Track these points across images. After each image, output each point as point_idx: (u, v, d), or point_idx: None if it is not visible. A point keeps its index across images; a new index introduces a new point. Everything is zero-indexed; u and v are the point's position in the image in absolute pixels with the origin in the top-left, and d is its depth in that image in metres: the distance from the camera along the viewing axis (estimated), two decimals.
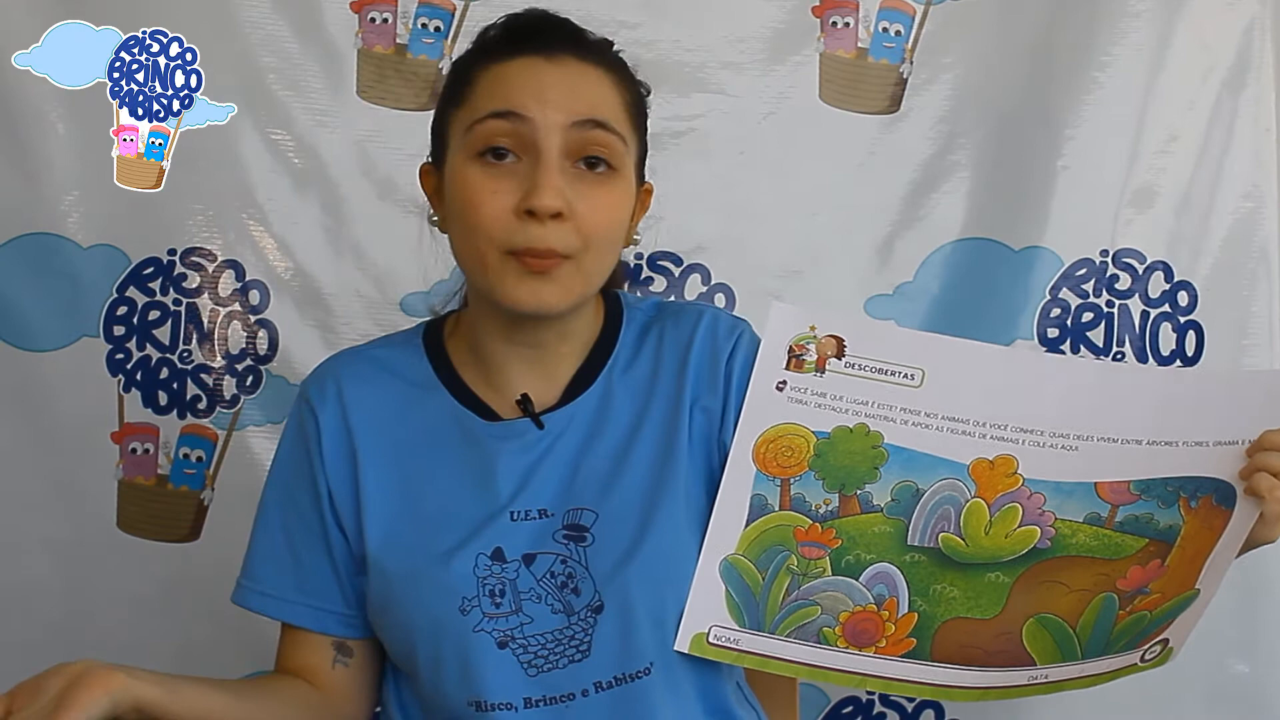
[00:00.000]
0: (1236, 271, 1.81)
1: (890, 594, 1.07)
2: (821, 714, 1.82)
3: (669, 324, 1.16)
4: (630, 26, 1.73)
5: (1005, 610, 1.07)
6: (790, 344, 1.04)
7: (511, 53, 1.07)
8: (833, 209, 1.79)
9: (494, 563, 1.07)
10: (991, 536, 1.05)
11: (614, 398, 1.13)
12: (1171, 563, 1.05)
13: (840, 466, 1.05)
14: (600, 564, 1.06)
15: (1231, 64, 1.78)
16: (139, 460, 1.74)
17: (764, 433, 1.06)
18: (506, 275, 1.04)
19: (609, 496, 1.09)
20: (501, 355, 1.12)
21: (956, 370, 1.04)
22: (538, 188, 1.02)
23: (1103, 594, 1.06)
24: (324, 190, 1.75)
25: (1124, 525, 1.05)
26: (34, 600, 1.75)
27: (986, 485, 1.05)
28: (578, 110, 1.04)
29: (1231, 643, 1.82)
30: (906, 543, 1.06)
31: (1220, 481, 1.03)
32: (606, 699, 1.06)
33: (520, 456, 1.10)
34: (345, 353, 1.19)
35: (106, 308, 1.73)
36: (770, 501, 1.06)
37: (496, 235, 1.03)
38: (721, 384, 1.12)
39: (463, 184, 1.05)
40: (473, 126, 1.04)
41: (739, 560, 1.07)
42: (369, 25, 1.74)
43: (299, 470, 1.14)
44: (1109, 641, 1.07)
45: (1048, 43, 1.77)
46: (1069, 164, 1.77)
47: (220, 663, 1.76)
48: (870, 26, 1.79)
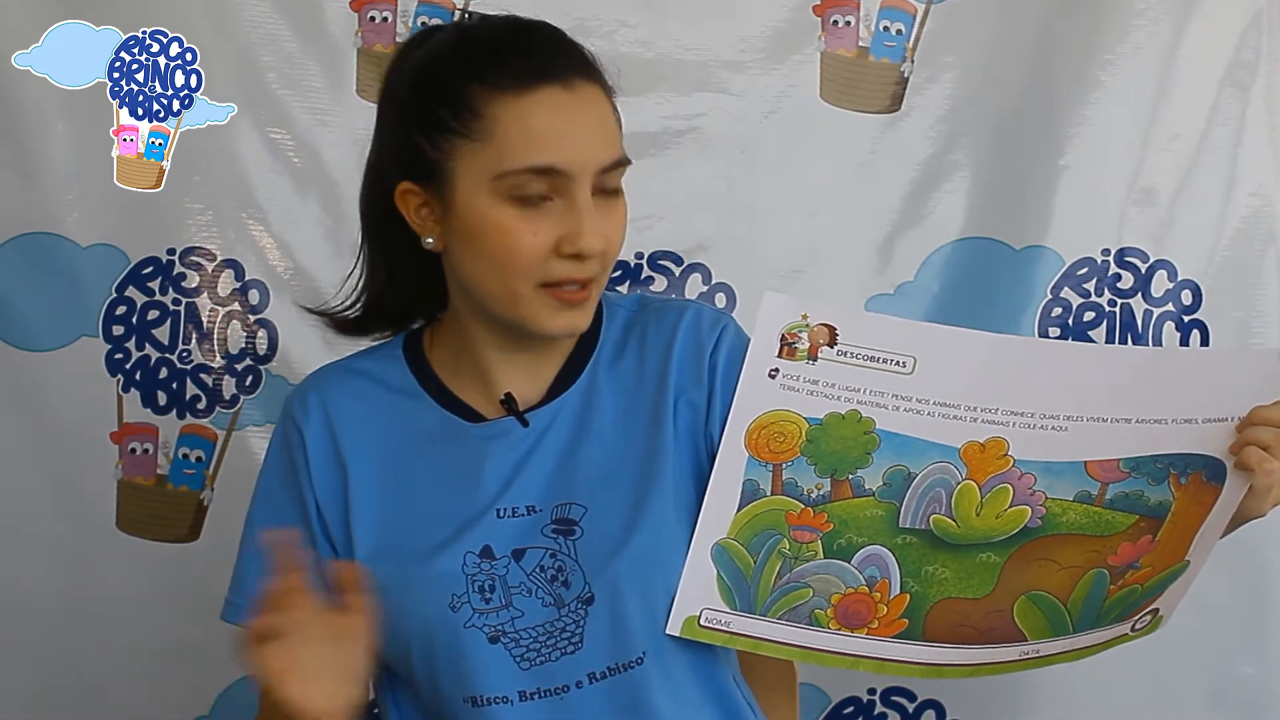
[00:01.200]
0: (1242, 270, 1.81)
1: (882, 576, 1.07)
2: (822, 714, 1.82)
3: (652, 320, 1.16)
4: (630, 26, 1.73)
5: (996, 589, 1.07)
6: (783, 332, 1.04)
7: (526, 83, 1.04)
8: (834, 208, 1.79)
9: (483, 560, 1.07)
10: (983, 517, 1.06)
11: (599, 393, 1.13)
12: (1162, 537, 1.06)
13: (832, 452, 1.06)
14: (590, 556, 1.07)
15: (1236, 61, 1.78)
16: (138, 460, 1.74)
17: (756, 419, 1.06)
18: (541, 308, 1.06)
19: (597, 490, 1.09)
20: (491, 361, 1.13)
21: (948, 357, 1.05)
22: (583, 233, 1.03)
23: (1094, 570, 1.07)
24: (324, 190, 1.74)
25: (1114, 503, 1.06)
26: (34, 600, 1.74)
27: (977, 467, 1.05)
28: (607, 155, 1.06)
29: (1237, 645, 1.82)
30: (898, 525, 1.06)
31: (1210, 458, 1.04)
32: (602, 689, 1.06)
33: (506, 455, 1.10)
34: (327, 367, 1.19)
35: (106, 307, 1.73)
36: (762, 486, 1.07)
37: (534, 272, 1.05)
38: (706, 376, 1.12)
39: (497, 226, 1.04)
40: (506, 175, 1.04)
41: (730, 544, 1.07)
42: (369, 24, 1.74)
43: (285, 484, 1.14)
44: (1100, 615, 1.09)
45: (1050, 41, 1.77)
46: (1071, 163, 1.76)
47: (219, 663, 1.76)
48: (871, 25, 1.78)
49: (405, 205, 1.09)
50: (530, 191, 1.04)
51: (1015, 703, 1.81)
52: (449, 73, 1.06)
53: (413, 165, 1.08)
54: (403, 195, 1.09)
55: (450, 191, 1.06)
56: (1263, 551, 1.79)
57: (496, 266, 1.05)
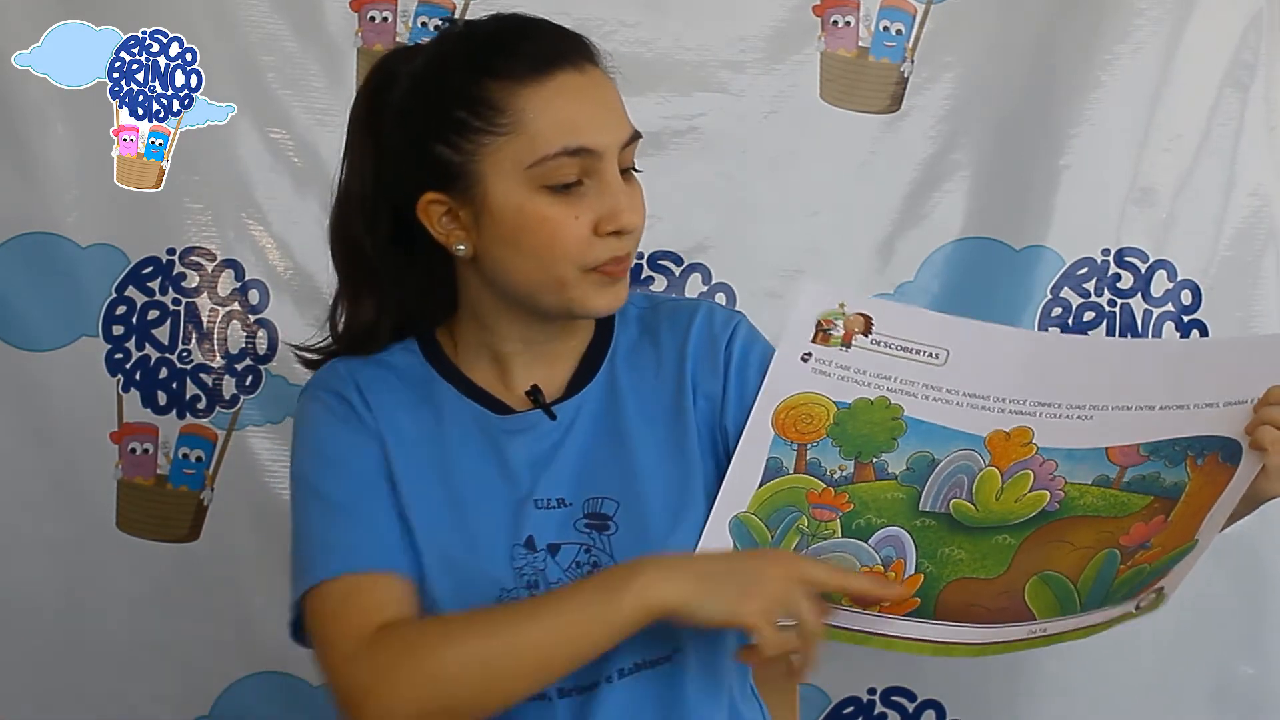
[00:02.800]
0: (1241, 270, 1.81)
1: (898, 556, 1.08)
2: (822, 714, 1.82)
3: (666, 318, 1.17)
4: (630, 25, 1.72)
5: (1010, 570, 1.08)
6: (818, 318, 1.05)
7: (543, 70, 1.05)
8: (833, 208, 1.79)
9: (527, 551, 1.07)
10: (1002, 502, 1.07)
11: (619, 387, 1.13)
12: (1174, 517, 1.07)
13: (858, 435, 1.07)
14: (626, 552, 1.07)
15: (1236, 61, 1.78)
16: (138, 460, 1.74)
17: (785, 400, 1.07)
18: (588, 289, 1.07)
19: (628, 484, 1.09)
20: (513, 354, 1.13)
21: (981, 351, 1.06)
22: (622, 209, 1.05)
23: (1105, 550, 1.07)
24: (323, 189, 1.72)
25: (1130, 485, 1.06)
26: (34, 600, 1.74)
27: (1001, 454, 1.06)
28: (625, 129, 1.08)
29: (1236, 644, 1.82)
30: (918, 508, 1.07)
31: (1227, 439, 1.05)
32: (632, 684, 1.07)
33: (533, 447, 1.11)
34: (343, 358, 1.16)
35: (105, 307, 1.73)
36: (785, 464, 1.07)
37: (579, 256, 1.06)
38: (721, 367, 1.13)
39: (538, 217, 1.05)
40: (541, 163, 1.04)
41: (749, 518, 1.08)
42: (369, 24, 1.74)
43: (353, 441, 1.09)
44: (1108, 594, 1.09)
45: (1050, 41, 1.77)
46: (1071, 163, 1.76)
47: (219, 663, 1.77)
48: (871, 25, 1.78)
49: (429, 217, 1.08)
50: (564, 178, 1.04)
51: (1015, 702, 1.81)
52: (458, 75, 1.06)
53: (434, 174, 1.07)
54: (426, 207, 1.08)
55: (481, 192, 1.06)
56: (1263, 551, 1.79)
57: (540, 256, 1.06)
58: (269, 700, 1.76)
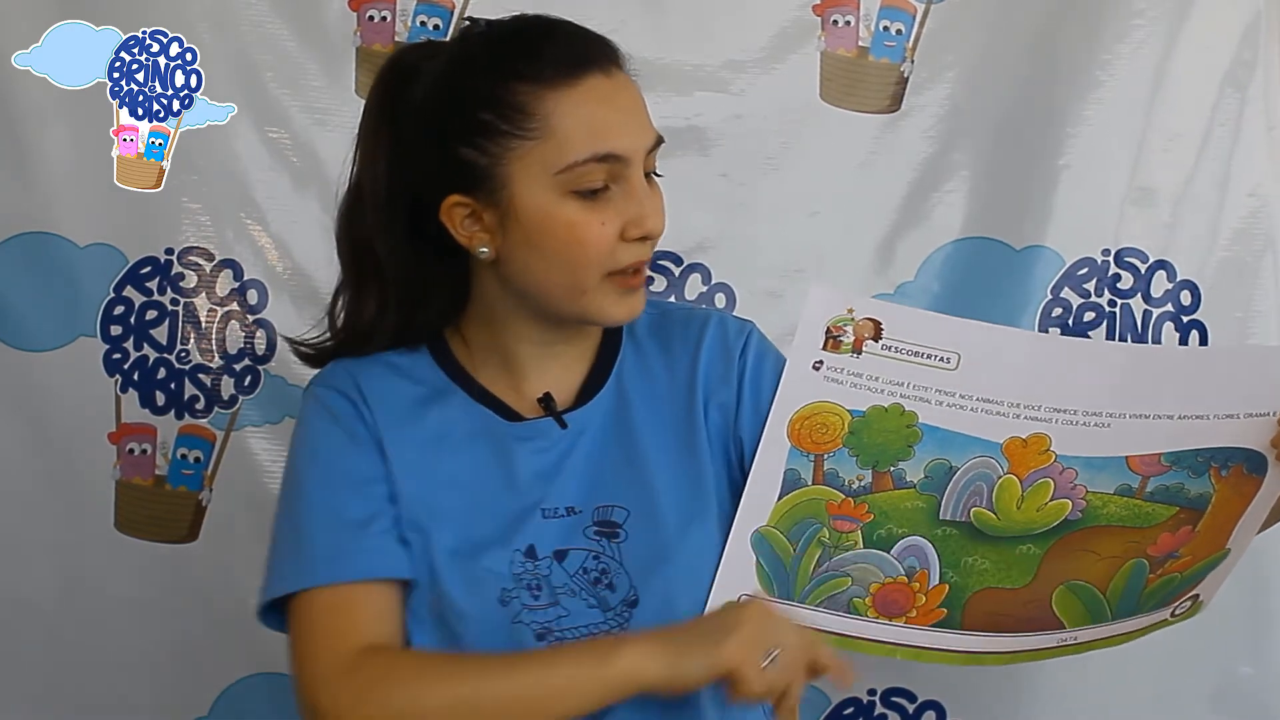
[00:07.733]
0: (1241, 270, 1.81)
1: (921, 566, 1.08)
2: (823, 715, 1.82)
3: (677, 327, 1.17)
4: (631, 26, 1.72)
5: (1036, 579, 1.08)
6: (828, 325, 1.04)
7: (572, 74, 1.04)
8: (833, 208, 1.79)
9: (528, 560, 1.07)
10: (1023, 511, 1.07)
11: (629, 396, 1.13)
12: (1202, 528, 1.07)
13: (874, 444, 1.06)
14: (636, 560, 1.07)
15: (1235, 61, 1.78)
16: (137, 461, 1.74)
17: (799, 410, 1.06)
18: (607, 296, 1.07)
19: (638, 493, 1.09)
20: (525, 358, 1.13)
21: (992, 354, 1.05)
22: (648, 214, 1.05)
23: (1133, 560, 1.08)
24: (322, 189, 1.74)
25: (1154, 495, 1.06)
26: (32, 601, 1.74)
27: (1019, 462, 1.06)
28: (650, 134, 1.07)
29: (1236, 645, 1.82)
30: (939, 517, 1.07)
31: (1251, 451, 1.05)
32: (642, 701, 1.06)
33: (543, 455, 1.10)
34: (348, 359, 1.16)
35: (104, 307, 1.72)
36: (803, 476, 1.07)
37: (605, 262, 1.06)
38: (735, 376, 1.13)
39: (565, 222, 1.04)
40: (571, 168, 1.03)
41: (770, 532, 1.08)
42: (367, 23, 1.74)
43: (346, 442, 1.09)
44: (1139, 603, 1.10)
45: (1049, 41, 1.77)
46: (1070, 163, 1.76)
47: (219, 664, 1.77)
48: (871, 25, 1.78)
49: (452, 219, 1.08)
50: (592, 183, 1.04)
51: (1016, 703, 1.81)
52: (482, 77, 1.05)
53: (458, 177, 1.06)
54: (449, 209, 1.07)
55: (507, 196, 1.05)
56: (1263, 552, 1.78)
57: (565, 261, 1.05)
58: (268, 700, 1.75)
